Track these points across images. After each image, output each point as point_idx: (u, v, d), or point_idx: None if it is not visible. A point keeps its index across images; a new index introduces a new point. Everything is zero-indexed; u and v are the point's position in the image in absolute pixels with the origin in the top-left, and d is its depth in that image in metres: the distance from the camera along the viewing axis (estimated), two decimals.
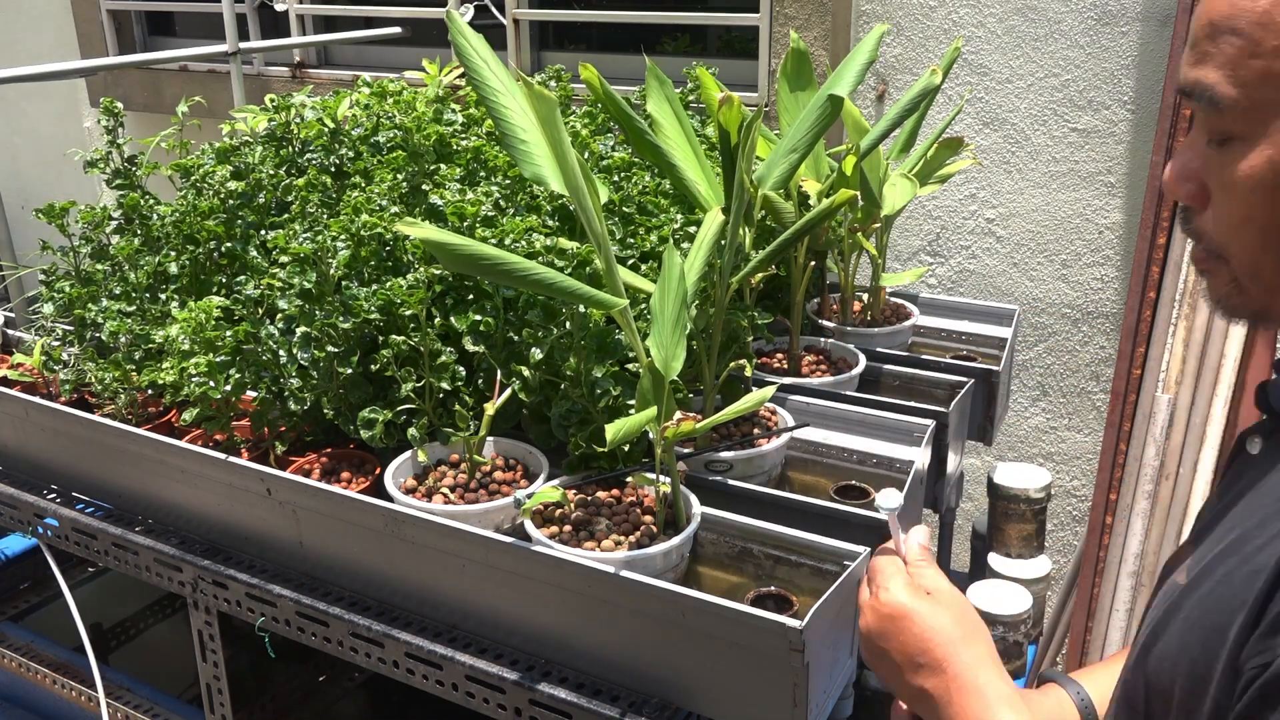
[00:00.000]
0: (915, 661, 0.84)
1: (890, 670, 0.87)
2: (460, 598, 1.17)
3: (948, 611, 0.86)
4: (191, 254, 1.58)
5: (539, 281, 1.03)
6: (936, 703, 0.83)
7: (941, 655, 0.83)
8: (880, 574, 0.90)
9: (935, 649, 0.83)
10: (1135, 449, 2.37)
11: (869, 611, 0.89)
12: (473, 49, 1.06)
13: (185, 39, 4.07)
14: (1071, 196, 2.57)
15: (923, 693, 0.84)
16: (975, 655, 0.83)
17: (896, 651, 0.86)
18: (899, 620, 0.86)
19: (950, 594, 0.88)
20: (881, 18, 2.67)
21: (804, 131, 1.33)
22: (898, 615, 0.86)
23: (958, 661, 0.82)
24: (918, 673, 0.84)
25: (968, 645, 0.84)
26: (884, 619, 0.87)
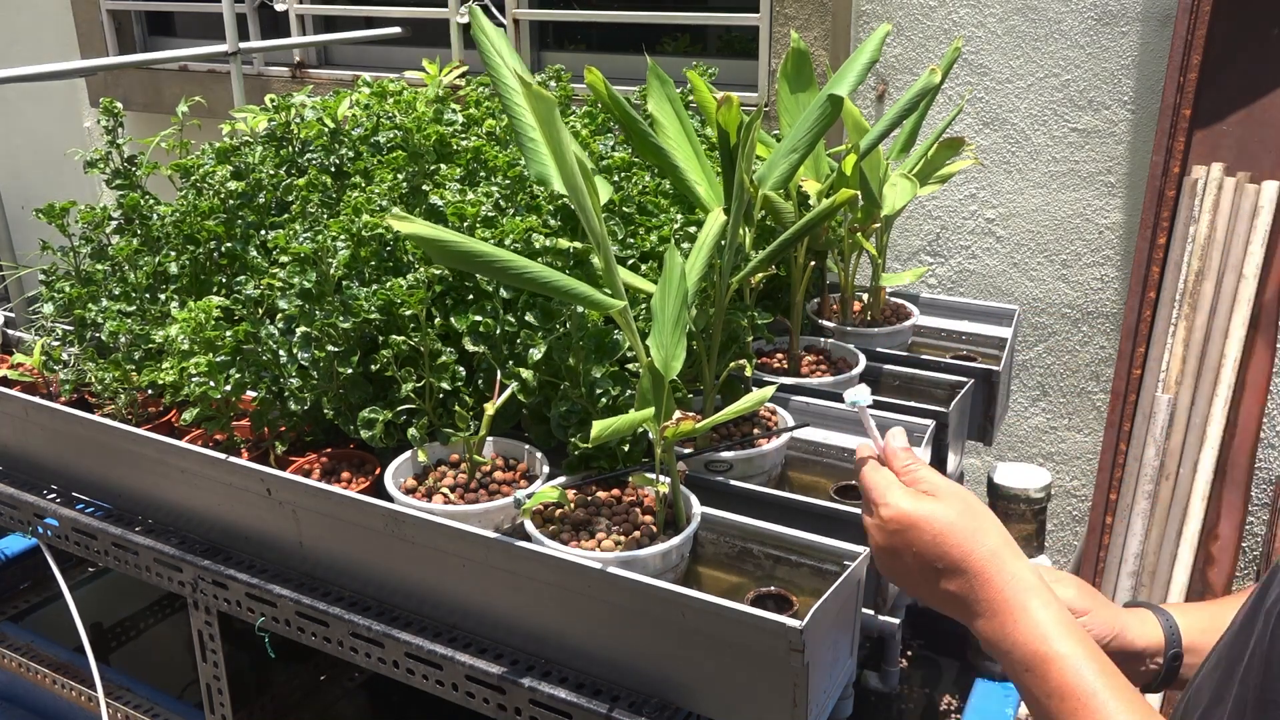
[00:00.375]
0: (934, 568, 0.82)
1: (912, 582, 0.85)
2: (460, 598, 1.17)
3: (952, 508, 0.84)
4: (191, 254, 1.58)
5: (532, 279, 1.03)
6: (965, 602, 0.81)
7: (959, 556, 0.81)
8: (875, 489, 0.87)
9: (951, 551, 0.82)
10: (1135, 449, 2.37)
11: (875, 531, 0.87)
12: (493, 46, 1.07)
13: (185, 39, 4.07)
14: (1071, 196, 2.57)
15: (949, 596, 0.82)
16: (991, 548, 0.82)
17: (913, 563, 0.84)
18: (907, 531, 0.84)
19: (948, 488, 0.86)
20: (881, 18, 2.67)
21: (804, 132, 1.33)
22: (904, 526, 0.84)
23: (976, 558, 0.81)
24: (939, 578, 0.82)
25: (981, 539, 0.82)
26: (891, 534, 0.85)
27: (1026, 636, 0.77)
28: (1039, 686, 0.76)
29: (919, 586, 0.85)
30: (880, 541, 0.87)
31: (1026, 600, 0.79)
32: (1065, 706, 0.74)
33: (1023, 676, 0.77)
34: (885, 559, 0.88)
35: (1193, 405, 2.29)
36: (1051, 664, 0.75)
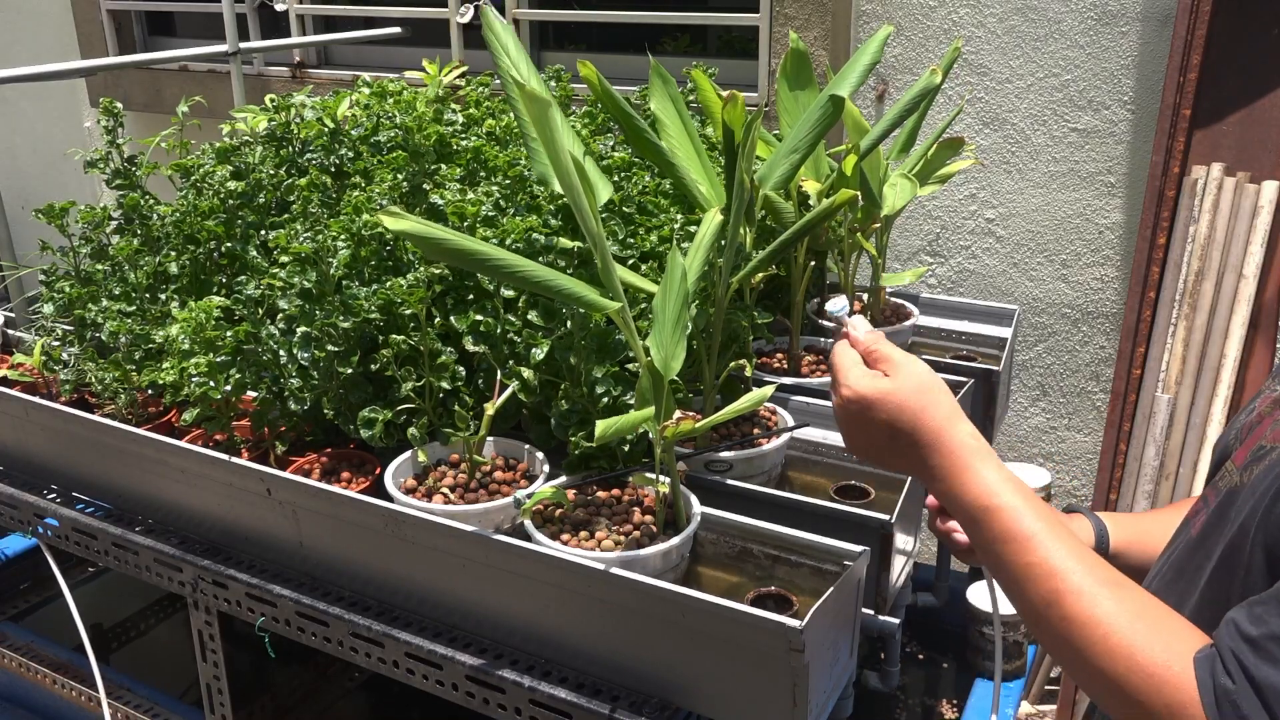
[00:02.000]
0: (893, 444, 0.89)
1: (877, 456, 0.92)
2: (460, 598, 1.17)
3: (906, 384, 0.90)
4: (192, 254, 1.58)
5: (527, 278, 1.03)
6: (920, 469, 0.89)
7: (910, 428, 0.88)
8: (839, 370, 0.93)
9: (903, 426, 0.88)
10: (1135, 449, 2.37)
11: (837, 410, 0.92)
12: (502, 45, 1.07)
13: (185, 39, 4.07)
14: (1071, 196, 2.57)
15: (907, 464, 0.90)
16: (939, 419, 0.88)
17: (872, 439, 0.90)
18: (865, 410, 0.89)
19: (903, 361, 0.92)
20: (881, 18, 2.67)
21: (805, 132, 1.33)
22: (862, 404, 0.90)
23: (927, 430, 0.88)
24: (897, 453, 0.89)
25: (931, 412, 0.88)
26: (850, 413, 0.91)
27: (975, 492, 0.85)
28: (986, 533, 0.84)
29: (881, 456, 0.92)
30: (842, 420, 0.93)
31: (971, 460, 0.86)
32: (1010, 549, 0.82)
33: (973, 529, 0.85)
34: (849, 438, 0.93)
35: (1193, 405, 2.29)
36: (996, 514, 0.83)
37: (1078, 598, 0.77)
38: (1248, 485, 0.87)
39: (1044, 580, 0.79)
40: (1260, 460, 0.87)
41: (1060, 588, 0.78)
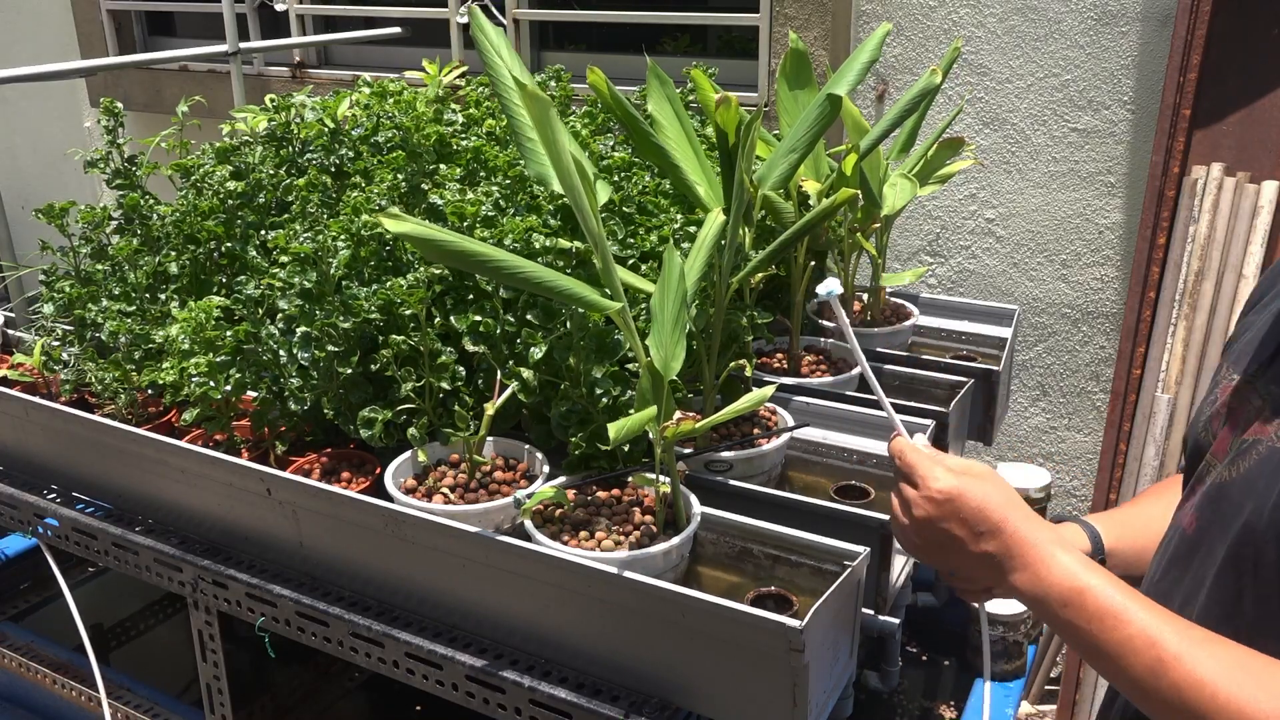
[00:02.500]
0: (977, 531, 0.93)
1: (953, 548, 0.95)
2: (460, 598, 1.17)
3: (988, 482, 0.96)
4: (191, 254, 1.58)
5: (527, 279, 1.03)
6: (999, 558, 0.93)
7: (998, 519, 0.93)
8: (919, 467, 0.98)
9: (991, 515, 0.93)
10: (1135, 449, 2.37)
11: (924, 502, 0.96)
12: (492, 47, 1.07)
13: (185, 39, 4.08)
14: (1071, 196, 2.57)
15: (986, 556, 0.93)
16: (1023, 513, 0.94)
17: (958, 528, 0.94)
18: (954, 500, 0.94)
19: (981, 468, 0.98)
20: (881, 18, 2.67)
21: (803, 131, 1.33)
22: (952, 496, 0.95)
23: (1011, 521, 0.93)
24: (979, 540, 0.93)
25: (1014, 507, 0.94)
26: (941, 504, 0.95)
27: (1060, 576, 0.89)
28: (1079, 615, 0.87)
29: (960, 550, 0.95)
30: (930, 511, 0.96)
31: (1054, 549, 0.91)
32: (1105, 625, 0.85)
33: (1063, 612, 0.88)
34: (932, 528, 0.96)
35: (1193, 405, 2.29)
36: (1086, 594, 0.87)
37: (1179, 662, 0.81)
38: (1239, 480, 0.90)
39: (1145, 651, 0.83)
40: (1246, 455, 0.90)
41: (1162, 655, 0.82)
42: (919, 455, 1.00)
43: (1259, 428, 0.91)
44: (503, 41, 1.10)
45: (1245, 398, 0.96)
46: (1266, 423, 0.90)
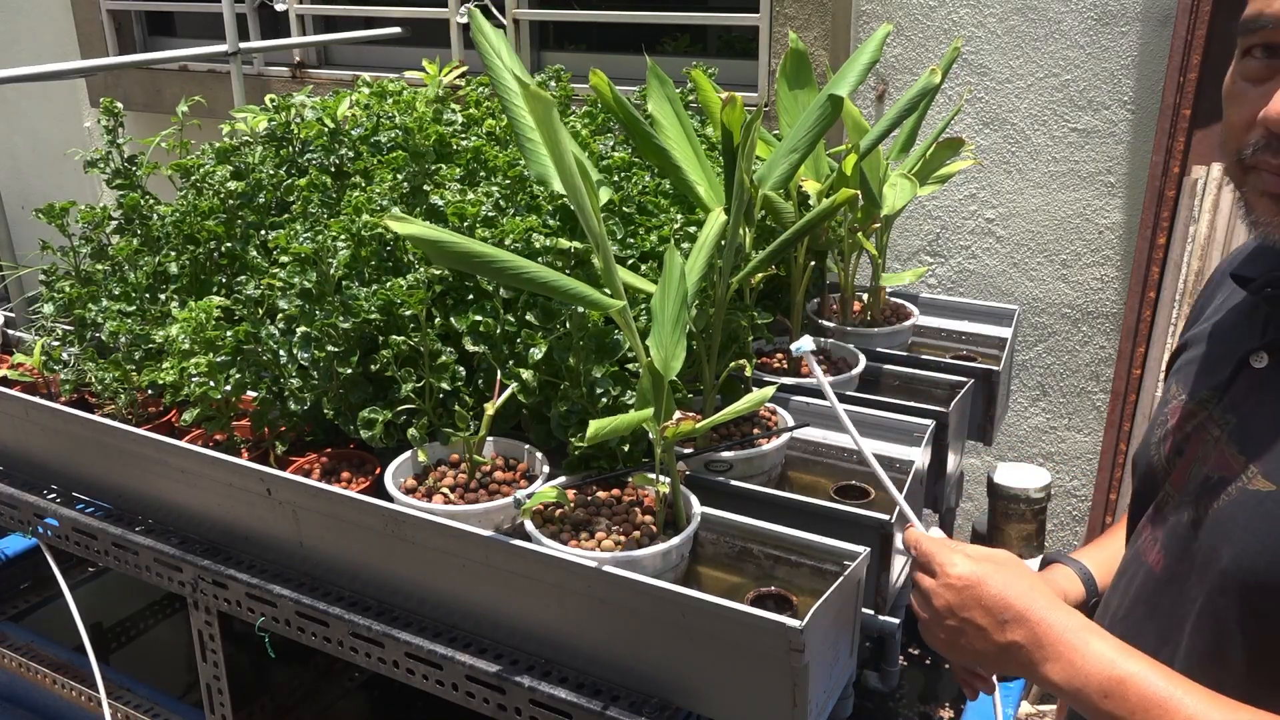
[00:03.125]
0: (1000, 619, 0.89)
1: (976, 636, 0.91)
2: (460, 598, 1.17)
3: (1009, 569, 0.92)
4: (191, 254, 1.58)
5: (530, 279, 1.03)
6: (1028, 648, 0.87)
7: (1023, 607, 0.88)
8: (938, 554, 0.94)
9: (1015, 603, 0.89)
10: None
11: (944, 590, 0.93)
12: (492, 48, 1.07)
13: (185, 39, 4.08)
14: (1071, 196, 2.57)
15: (1012, 645, 0.88)
16: (1048, 600, 0.89)
17: (981, 616, 0.90)
18: (975, 588, 0.90)
19: (1003, 555, 0.94)
20: (881, 18, 2.67)
21: (804, 132, 1.33)
22: (973, 583, 0.91)
23: (1037, 609, 0.88)
24: (1004, 629, 0.89)
25: (1038, 594, 0.90)
26: (961, 591, 0.91)
27: (1097, 667, 0.84)
28: (1122, 706, 0.82)
29: (983, 638, 0.90)
30: (950, 599, 0.92)
31: (1087, 637, 0.86)
32: (1150, 715, 0.81)
33: (1104, 704, 0.83)
34: (953, 615, 0.92)
35: None
36: (1128, 683, 0.82)
37: None
38: (1209, 523, 0.88)
39: None
40: (1214, 494, 0.88)
41: None
42: (935, 543, 0.96)
43: (1225, 465, 0.88)
44: (503, 43, 1.10)
45: (1201, 425, 0.94)
46: (1234, 462, 0.87)
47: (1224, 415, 0.92)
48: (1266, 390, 0.89)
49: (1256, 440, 0.87)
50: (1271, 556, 0.82)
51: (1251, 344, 0.91)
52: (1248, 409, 0.89)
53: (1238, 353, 0.92)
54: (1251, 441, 0.87)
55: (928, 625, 0.96)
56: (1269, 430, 0.86)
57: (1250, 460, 0.86)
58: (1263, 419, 0.87)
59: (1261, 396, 0.88)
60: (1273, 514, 0.82)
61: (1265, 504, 0.83)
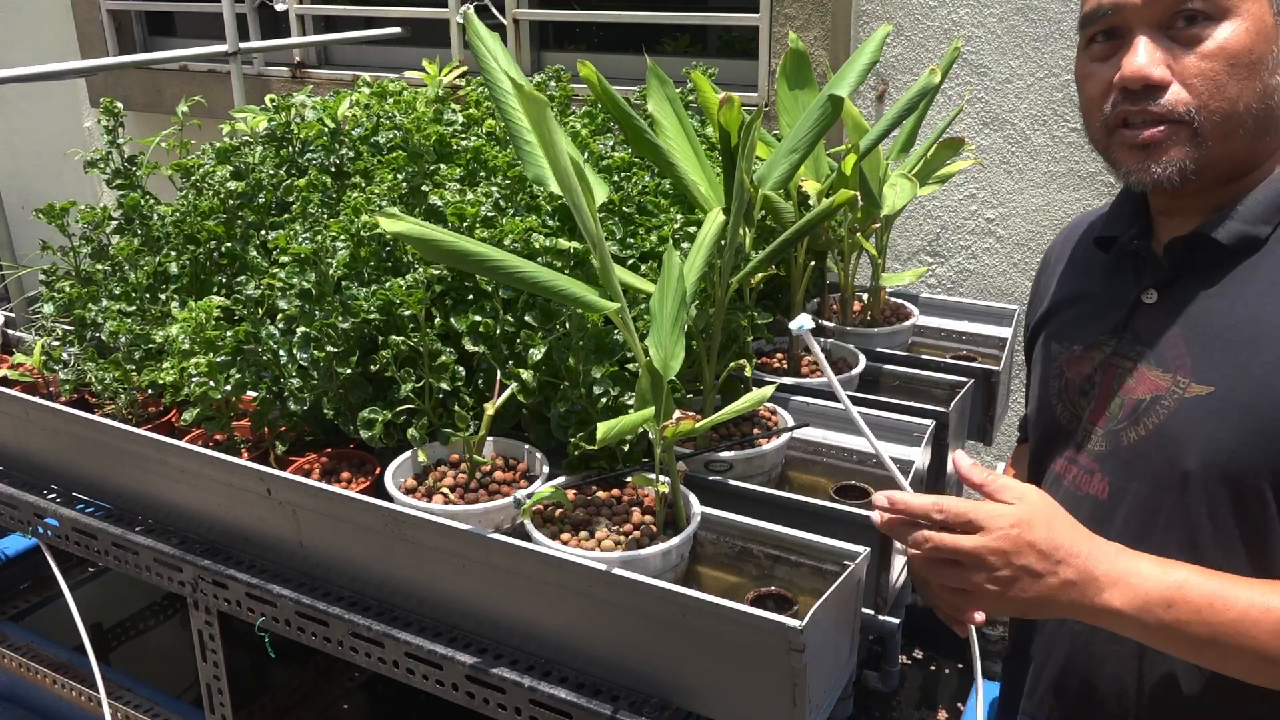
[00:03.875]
0: (1054, 559, 0.92)
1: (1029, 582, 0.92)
2: (460, 598, 1.17)
3: (1042, 510, 0.94)
4: (192, 254, 1.58)
5: (525, 279, 1.03)
6: (1081, 584, 0.91)
7: (1069, 544, 0.92)
8: (974, 511, 0.94)
9: (1062, 541, 0.92)
10: None
11: (1000, 542, 0.92)
12: (487, 49, 1.07)
13: (185, 39, 4.08)
14: (1071, 196, 2.57)
15: (1066, 583, 0.92)
16: (1085, 533, 0.94)
17: (1036, 560, 0.92)
18: (1025, 533, 0.92)
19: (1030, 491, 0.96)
20: (881, 18, 2.67)
21: (804, 132, 1.33)
22: (1023, 527, 0.92)
23: (1082, 545, 0.93)
24: (1060, 568, 0.92)
25: (1077, 529, 0.94)
26: (1015, 537, 0.92)
27: (1155, 581, 0.90)
28: (1186, 610, 0.88)
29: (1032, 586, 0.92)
30: (1004, 547, 0.92)
31: (1133, 559, 0.92)
32: (1215, 609, 0.88)
33: (1168, 614, 0.89)
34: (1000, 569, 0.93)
35: None
36: (1186, 587, 0.89)
37: None
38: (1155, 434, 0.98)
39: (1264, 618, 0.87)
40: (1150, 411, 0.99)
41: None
42: (963, 505, 0.95)
43: (1153, 385, 0.99)
44: (498, 44, 1.10)
45: (1105, 363, 1.06)
46: (1161, 380, 0.98)
47: (1130, 348, 1.03)
48: (1162, 318, 1.02)
49: (1174, 357, 0.99)
50: (1232, 447, 0.92)
51: (1139, 286, 1.06)
52: (1152, 336, 1.02)
53: (1126, 296, 1.07)
54: (1170, 359, 0.99)
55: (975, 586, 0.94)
56: (1179, 346, 0.99)
57: (1175, 373, 0.98)
58: (1172, 340, 1.00)
59: (1162, 323, 1.02)
60: (1219, 410, 0.94)
61: (1210, 403, 0.94)
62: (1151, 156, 0.99)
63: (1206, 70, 0.95)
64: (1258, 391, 0.92)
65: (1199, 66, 0.95)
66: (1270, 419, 0.91)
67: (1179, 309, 1.01)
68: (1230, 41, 0.94)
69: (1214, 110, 0.96)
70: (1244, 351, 0.93)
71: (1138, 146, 0.99)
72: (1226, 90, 0.95)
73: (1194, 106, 0.96)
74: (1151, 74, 0.96)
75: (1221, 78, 0.94)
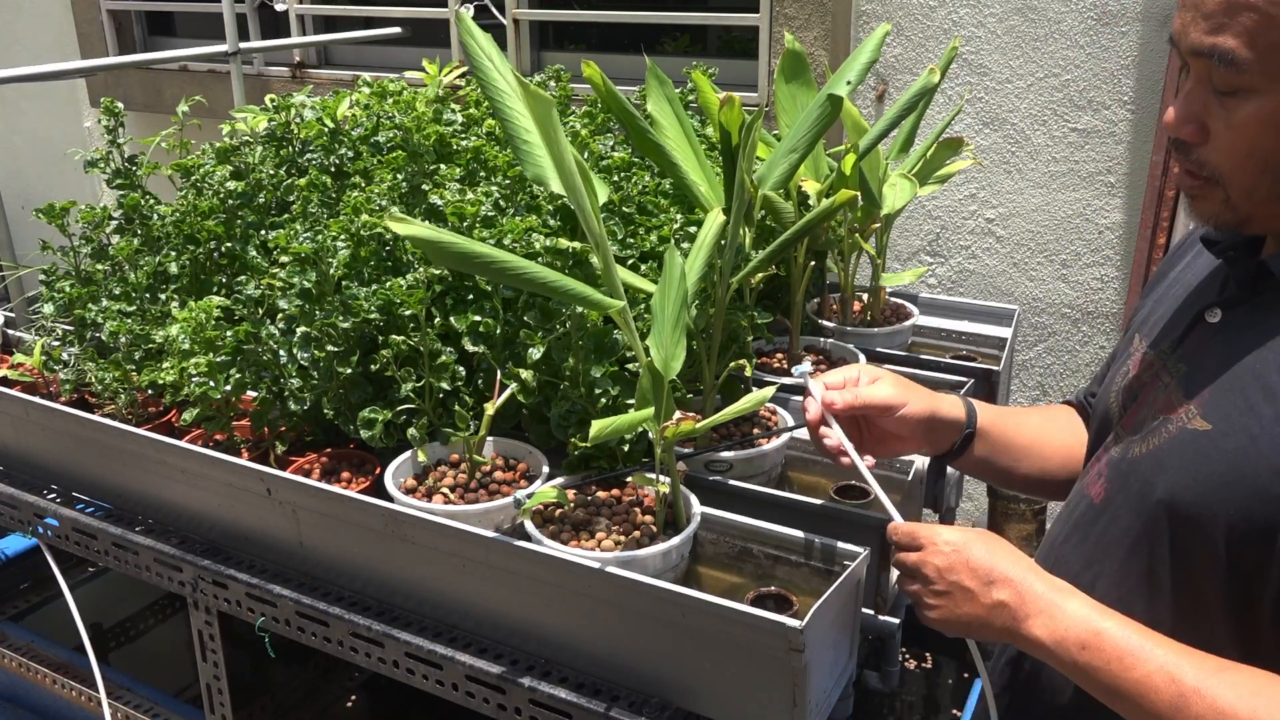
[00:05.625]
0: (988, 579, 0.95)
1: (963, 599, 0.97)
2: (460, 598, 1.17)
3: (989, 538, 0.99)
4: (191, 254, 1.58)
5: (531, 280, 1.03)
6: (1012, 607, 0.94)
7: (1005, 569, 0.96)
8: (920, 531, 1.01)
9: (999, 565, 0.96)
10: None
11: (932, 557, 0.99)
12: (481, 49, 1.07)
13: (185, 39, 4.08)
14: (1071, 196, 2.57)
15: (998, 605, 0.95)
16: (1029, 564, 0.97)
17: (968, 578, 0.96)
18: (961, 552, 0.97)
19: (974, 530, 1.01)
20: (881, 18, 2.67)
21: (804, 132, 1.33)
22: (960, 548, 0.98)
23: (1019, 571, 0.95)
24: (991, 588, 0.95)
25: (1020, 559, 0.97)
26: (949, 556, 0.98)
27: (1077, 620, 0.91)
28: (1098, 657, 0.89)
29: (971, 600, 0.96)
30: (937, 564, 0.98)
31: (1067, 596, 0.93)
32: (1124, 664, 0.88)
33: (1081, 655, 0.90)
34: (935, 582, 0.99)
35: None
36: (1104, 635, 0.89)
37: (1200, 695, 0.84)
38: (1148, 456, 0.96)
39: (1165, 687, 0.85)
40: (1156, 433, 0.97)
41: (1183, 690, 0.85)
42: (917, 524, 1.02)
43: (1170, 407, 0.96)
44: (491, 44, 1.10)
45: (1156, 373, 1.02)
46: (1178, 404, 0.95)
47: (1176, 365, 1.00)
48: (1216, 342, 0.96)
49: (1200, 385, 0.95)
50: (1199, 490, 0.90)
51: (1208, 300, 1.00)
52: (1197, 359, 0.97)
53: (1196, 308, 1.01)
54: (1196, 386, 0.95)
55: (916, 596, 1.01)
56: (1212, 376, 0.94)
57: (1191, 402, 0.94)
58: (1209, 367, 0.95)
59: (1211, 347, 0.96)
60: (1205, 451, 0.90)
61: (1199, 441, 0.91)
62: (1192, 200, 0.97)
63: (1234, 143, 0.89)
64: (1247, 443, 0.88)
65: (1226, 137, 0.89)
66: (1243, 474, 0.87)
67: (1230, 336, 0.95)
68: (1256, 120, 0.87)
69: (1242, 182, 0.91)
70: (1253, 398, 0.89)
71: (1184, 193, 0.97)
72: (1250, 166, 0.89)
73: (1222, 172, 0.91)
74: (1180, 132, 0.92)
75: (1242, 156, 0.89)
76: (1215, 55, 0.86)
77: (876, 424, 1.16)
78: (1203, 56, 0.87)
